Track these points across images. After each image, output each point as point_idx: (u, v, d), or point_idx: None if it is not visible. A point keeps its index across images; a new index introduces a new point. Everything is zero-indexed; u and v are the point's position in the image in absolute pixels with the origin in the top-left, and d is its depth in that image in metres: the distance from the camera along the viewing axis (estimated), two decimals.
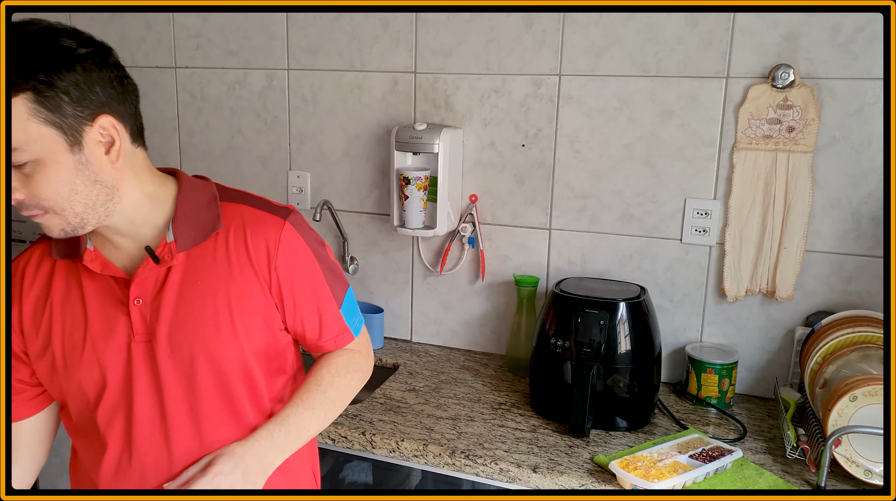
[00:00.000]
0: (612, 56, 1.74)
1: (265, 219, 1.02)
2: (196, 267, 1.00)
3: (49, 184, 0.88)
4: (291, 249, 1.02)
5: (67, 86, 0.87)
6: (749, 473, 1.39)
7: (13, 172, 0.88)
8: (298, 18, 2.00)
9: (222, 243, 1.01)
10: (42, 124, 0.86)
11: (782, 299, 1.69)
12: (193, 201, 1.02)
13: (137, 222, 1.00)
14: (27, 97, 0.85)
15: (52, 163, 0.88)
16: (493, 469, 1.41)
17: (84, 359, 1.01)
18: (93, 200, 0.93)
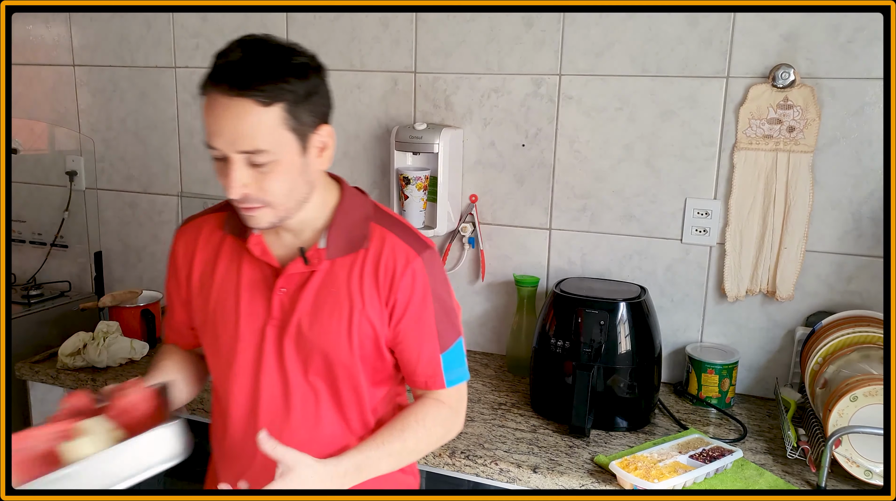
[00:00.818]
0: (612, 56, 1.74)
1: (402, 248, 1.10)
2: (335, 274, 1.10)
3: (278, 181, 1.00)
4: (414, 281, 1.09)
5: (307, 97, 0.99)
6: (749, 473, 1.39)
7: (247, 170, 0.98)
8: (298, 18, 2.00)
9: (361, 258, 1.10)
10: (287, 131, 0.98)
11: (783, 299, 1.68)
12: (349, 216, 1.11)
13: (306, 222, 1.10)
14: (281, 107, 0.96)
15: (286, 163, 0.99)
16: (493, 470, 1.41)
17: (227, 327, 1.13)
18: (302, 197, 1.05)
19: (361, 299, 1.09)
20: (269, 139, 0.96)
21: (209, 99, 0.97)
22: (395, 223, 1.13)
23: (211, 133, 0.98)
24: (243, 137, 0.96)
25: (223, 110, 0.95)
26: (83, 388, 1.75)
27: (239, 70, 0.95)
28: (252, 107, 0.95)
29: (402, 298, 1.09)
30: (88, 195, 2.35)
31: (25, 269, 2.44)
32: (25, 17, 2.30)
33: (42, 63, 2.32)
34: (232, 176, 0.98)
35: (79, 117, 2.32)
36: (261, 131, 0.96)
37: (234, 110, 0.95)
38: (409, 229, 1.14)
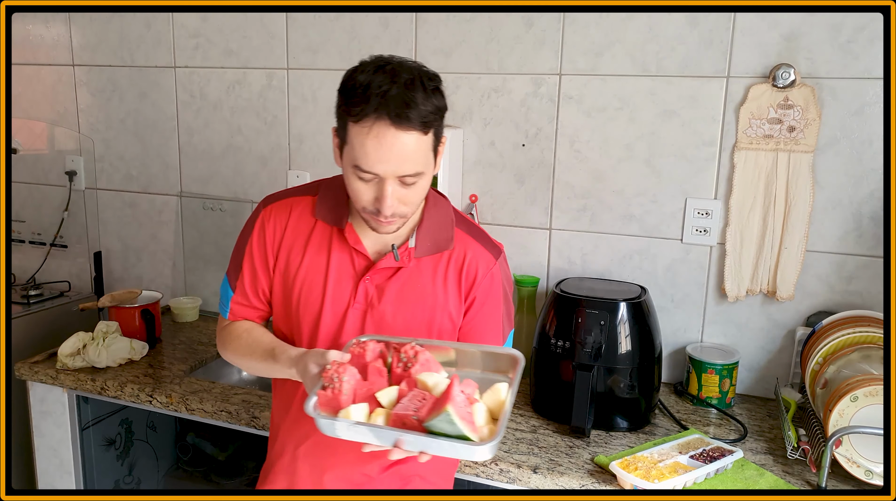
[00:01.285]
0: (612, 56, 1.73)
1: (483, 252, 1.21)
2: (420, 271, 1.19)
3: (419, 194, 1.11)
4: (491, 282, 1.21)
5: (442, 116, 1.10)
6: (750, 473, 1.38)
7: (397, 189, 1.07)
8: (298, 18, 1.99)
9: (446, 259, 1.20)
10: (431, 151, 1.09)
11: (783, 299, 1.68)
12: (436, 219, 1.21)
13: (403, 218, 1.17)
14: (433, 132, 1.08)
15: (426, 178, 1.10)
16: (493, 470, 1.41)
17: (310, 309, 1.20)
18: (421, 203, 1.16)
19: (445, 296, 1.19)
20: (423, 162, 1.07)
21: (371, 132, 1.02)
22: (473, 228, 1.25)
23: (373, 160, 1.04)
24: (407, 164, 1.05)
25: (392, 141, 1.03)
26: (83, 389, 1.75)
27: (402, 104, 1.02)
28: (416, 137, 1.04)
29: (480, 296, 1.21)
30: (88, 195, 2.35)
31: (25, 269, 2.44)
32: (25, 16, 2.30)
33: (42, 63, 2.32)
34: (388, 196, 1.07)
35: (78, 117, 2.31)
36: (420, 157, 1.06)
37: (402, 141, 1.03)
38: (484, 234, 1.25)
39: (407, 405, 0.98)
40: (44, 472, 1.90)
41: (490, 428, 0.98)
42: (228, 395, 1.66)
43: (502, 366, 1.10)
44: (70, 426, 1.83)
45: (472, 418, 0.96)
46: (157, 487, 2.11)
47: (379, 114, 1.01)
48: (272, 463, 1.30)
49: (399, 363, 1.04)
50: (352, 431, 0.96)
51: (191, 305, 2.19)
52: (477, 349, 1.14)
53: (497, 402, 1.01)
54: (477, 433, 0.95)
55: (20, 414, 1.97)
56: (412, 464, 1.24)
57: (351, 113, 1.03)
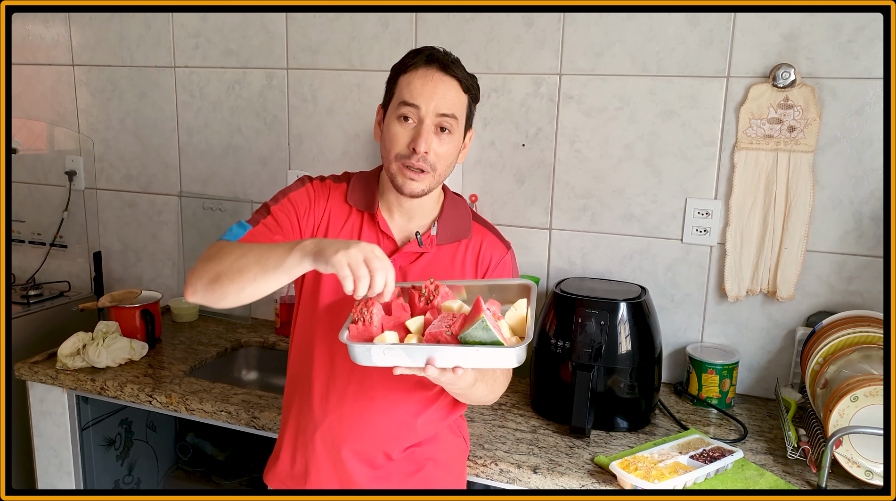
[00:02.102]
0: (612, 55, 1.73)
1: (497, 242, 1.32)
2: (440, 258, 1.28)
3: (449, 148, 1.21)
4: (503, 269, 1.31)
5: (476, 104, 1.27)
6: (750, 473, 1.38)
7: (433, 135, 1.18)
8: (298, 18, 1.99)
9: (464, 247, 1.29)
10: (464, 115, 1.22)
11: (783, 299, 1.68)
12: (455, 211, 1.32)
13: (418, 209, 1.28)
14: (469, 97, 1.23)
15: (457, 138, 1.23)
16: (494, 470, 1.41)
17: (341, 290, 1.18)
18: (446, 175, 1.25)
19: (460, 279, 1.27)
20: (459, 113, 1.21)
21: (419, 72, 1.18)
22: (485, 222, 1.36)
23: (417, 93, 1.17)
24: (447, 103, 1.18)
25: (437, 81, 1.18)
26: (83, 389, 1.75)
27: (448, 59, 1.20)
28: (457, 86, 1.20)
29: None
30: (88, 195, 2.35)
31: (25, 269, 2.43)
32: (25, 16, 2.30)
33: (41, 63, 2.32)
34: (424, 135, 1.18)
35: (78, 117, 2.31)
36: (457, 105, 1.20)
37: (445, 83, 1.18)
38: (494, 227, 1.36)
39: (438, 325, 1.03)
40: (44, 472, 1.90)
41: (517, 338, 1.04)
42: (228, 395, 1.66)
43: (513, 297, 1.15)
44: (70, 426, 1.83)
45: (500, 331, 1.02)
46: (156, 487, 2.11)
47: (429, 62, 1.19)
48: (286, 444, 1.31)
49: (420, 298, 1.11)
50: (388, 354, 1.00)
51: (191, 305, 2.19)
52: (486, 284, 1.21)
53: (519, 318, 1.08)
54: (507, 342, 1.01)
55: (20, 414, 1.97)
56: (427, 447, 1.28)
57: (404, 68, 1.20)
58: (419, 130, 1.18)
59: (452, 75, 1.20)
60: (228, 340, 2.04)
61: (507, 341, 1.02)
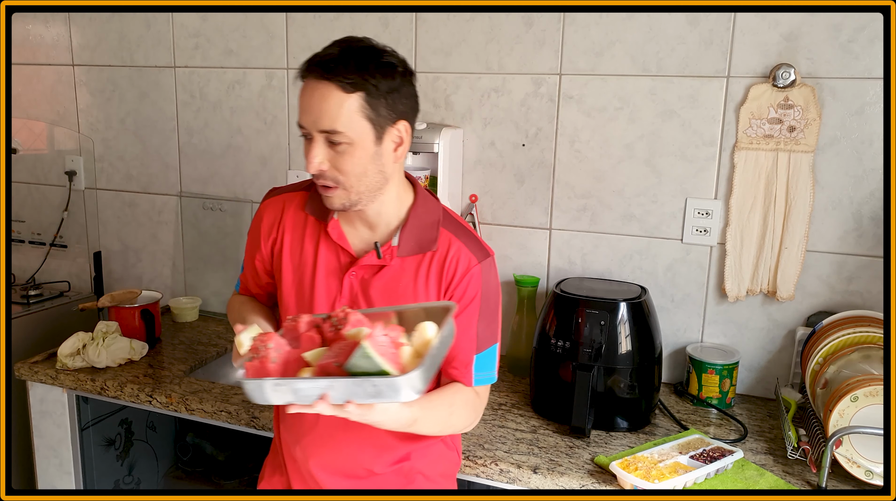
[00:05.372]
0: (612, 55, 1.73)
1: (465, 253, 1.18)
2: (403, 271, 1.18)
3: (351, 163, 1.09)
4: (469, 285, 1.18)
5: (387, 93, 1.08)
6: (750, 474, 1.38)
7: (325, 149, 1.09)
8: (298, 18, 1.99)
9: (429, 259, 1.18)
10: (363, 118, 1.08)
11: (783, 299, 1.68)
12: (422, 219, 1.20)
13: (380, 217, 1.19)
14: (361, 96, 1.06)
15: (359, 148, 1.09)
16: (494, 470, 1.41)
17: (303, 302, 1.22)
18: (372, 185, 1.13)
19: (425, 295, 1.18)
20: (346, 123, 1.07)
21: (305, 84, 1.09)
22: (461, 229, 1.22)
23: (300, 112, 1.09)
24: (324, 117, 1.06)
25: (312, 91, 1.07)
26: (83, 389, 1.75)
27: (330, 60, 1.07)
28: (335, 91, 1.06)
29: (456, 298, 1.18)
30: (88, 195, 2.35)
31: (25, 269, 2.43)
32: (25, 16, 2.30)
33: (41, 63, 2.32)
34: (311, 152, 1.09)
35: (78, 117, 2.31)
36: (340, 115, 1.06)
37: (320, 92, 1.06)
38: (473, 235, 1.22)
39: (329, 355, 0.95)
40: (43, 472, 1.90)
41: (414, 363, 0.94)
42: (228, 395, 1.66)
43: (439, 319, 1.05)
44: (70, 426, 1.83)
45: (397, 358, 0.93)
46: (156, 487, 2.11)
47: (309, 71, 1.08)
48: (273, 459, 1.31)
49: (330, 327, 1.02)
50: (277, 389, 0.93)
51: (190, 305, 2.19)
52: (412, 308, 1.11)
53: (423, 341, 0.98)
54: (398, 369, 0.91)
55: (20, 414, 1.97)
56: (417, 461, 1.25)
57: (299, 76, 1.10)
58: (309, 147, 1.10)
59: (329, 79, 1.06)
60: (228, 340, 2.04)
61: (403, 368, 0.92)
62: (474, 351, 1.20)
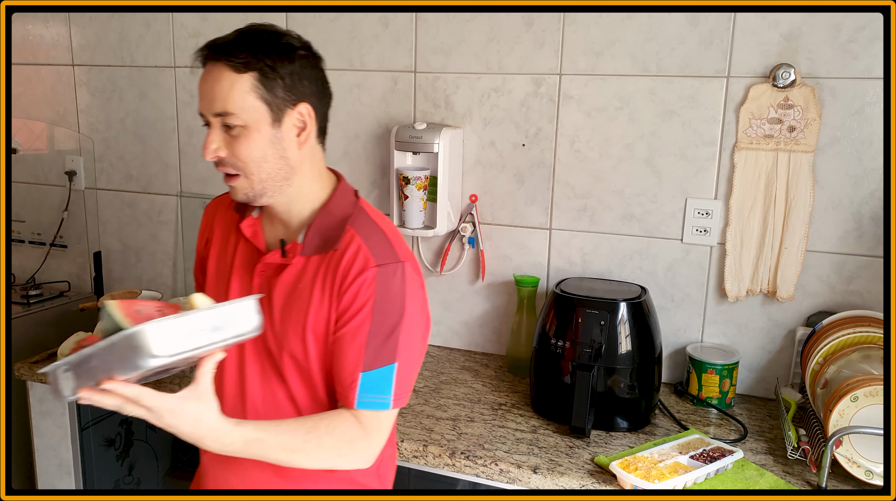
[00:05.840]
0: (612, 55, 1.73)
1: (365, 255, 1.08)
2: (306, 271, 1.11)
3: (248, 147, 1.05)
4: (359, 291, 1.07)
5: (284, 73, 1.04)
6: (750, 474, 1.38)
7: (221, 134, 1.05)
8: (298, 17, 1.99)
9: (329, 259, 1.10)
10: (257, 99, 1.03)
11: (783, 299, 1.68)
12: (331, 216, 1.13)
13: (293, 213, 1.14)
14: (253, 76, 1.03)
15: (255, 131, 1.04)
16: (494, 470, 1.41)
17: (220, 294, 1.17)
18: (275, 172, 1.08)
19: (320, 299, 1.09)
20: (238, 104, 1.03)
21: (203, 69, 1.07)
22: (373, 230, 1.12)
23: (199, 97, 1.07)
24: (216, 100, 1.03)
25: (205, 75, 1.05)
26: None
27: (223, 43, 1.05)
28: (225, 71, 1.03)
29: (345, 305, 1.07)
30: (88, 195, 2.35)
31: (25, 269, 2.43)
32: (25, 16, 2.30)
33: (41, 63, 2.32)
34: (207, 138, 1.05)
35: (78, 117, 2.31)
36: (232, 96, 1.03)
37: (213, 75, 1.04)
38: (385, 237, 1.11)
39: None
40: (43, 472, 1.90)
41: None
42: None
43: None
44: (70, 426, 1.83)
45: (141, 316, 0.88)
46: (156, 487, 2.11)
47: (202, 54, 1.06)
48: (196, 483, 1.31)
49: None
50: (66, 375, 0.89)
51: None
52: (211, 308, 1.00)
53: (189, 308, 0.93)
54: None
55: (20, 414, 1.97)
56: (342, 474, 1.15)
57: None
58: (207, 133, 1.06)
59: (220, 60, 1.03)
60: None
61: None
62: (360, 368, 1.07)
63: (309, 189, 1.13)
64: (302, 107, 1.07)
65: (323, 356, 1.12)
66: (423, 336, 1.13)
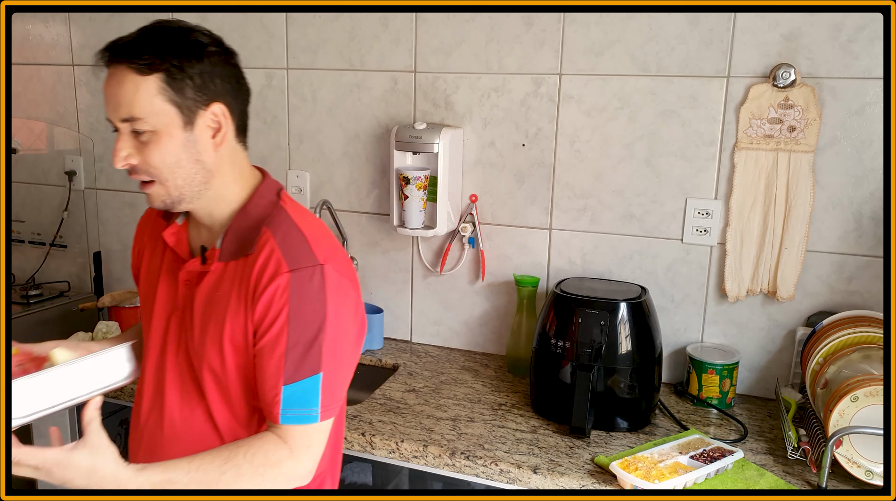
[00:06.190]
0: (612, 55, 1.73)
1: (276, 260, 1.01)
2: (223, 277, 1.06)
3: (159, 153, 0.99)
4: (273, 296, 1.00)
5: (193, 73, 0.99)
6: (750, 474, 1.38)
7: (131, 140, 1.00)
8: (298, 17, 1.99)
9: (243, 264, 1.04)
10: (165, 102, 0.98)
11: (783, 299, 1.68)
12: (248, 219, 1.07)
13: (214, 216, 1.09)
14: (159, 77, 0.97)
15: (165, 135, 0.99)
16: (494, 470, 1.41)
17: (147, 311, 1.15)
18: (191, 177, 1.03)
19: (237, 308, 1.03)
20: (145, 108, 0.98)
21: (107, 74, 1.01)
22: (289, 231, 1.04)
23: (105, 104, 1.01)
24: (122, 104, 0.98)
25: (109, 79, 0.99)
26: None
27: (125, 43, 0.99)
28: (129, 74, 0.97)
29: (259, 315, 1.01)
30: (87, 195, 2.35)
31: (24, 269, 2.43)
32: (25, 16, 2.30)
33: (41, 63, 2.32)
34: (116, 145, 1.01)
35: (78, 117, 2.31)
36: (137, 99, 0.97)
37: (116, 78, 0.98)
38: (302, 238, 1.04)
39: None
40: None
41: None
42: None
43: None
44: (70, 426, 1.83)
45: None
46: None
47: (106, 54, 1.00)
48: None
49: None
50: None
51: None
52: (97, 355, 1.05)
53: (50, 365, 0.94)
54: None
55: None
56: None
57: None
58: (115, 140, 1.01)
59: (123, 62, 0.97)
60: None
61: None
62: (281, 381, 1.00)
63: (229, 192, 1.08)
64: (215, 107, 1.02)
65: (244, 371, 1.05)
66: (353, 341, 1.07)
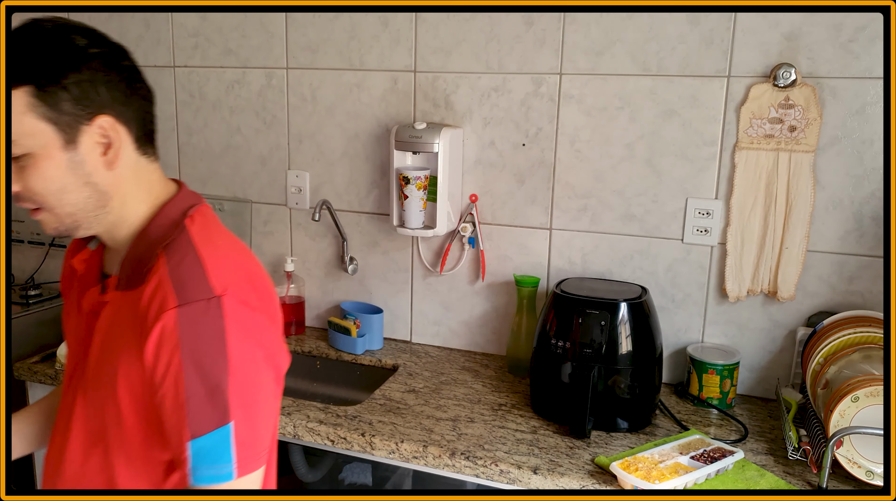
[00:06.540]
0: (612, 55, 1.73)
1: (162, 294, 0.85)
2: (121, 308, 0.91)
3: (40, 179, 0.86)
4: (160, 340, 0.83)
5: (70, 84, 0.85)
6: (750, 474, 1.38)
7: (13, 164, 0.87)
8: (297, 17, 1.99)
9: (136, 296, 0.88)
10: (38, 119, 0.84)
11: (784, 299, 1.68)
12: (146, 242, 0.92)
13: (118, 240, 0.95)
14: (27, 91, 0.84)
15: (44, 158, 0.85)
16: (494, 471, 1.41)
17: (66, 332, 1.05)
18: (83, 202, 0.89)
19: (129, 353, 0.87)
20: (14, 128, 0.83)
21: None
22: (185, 255, 0.88)
23: None
24: None
25: None
26: None
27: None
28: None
29: (149, 359, 0.84)
30: None
31: (24, 269, 2.43)
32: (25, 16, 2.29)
33: None
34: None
35: None
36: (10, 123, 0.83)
37: None
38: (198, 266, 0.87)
39: None
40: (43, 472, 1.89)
41: None
42: None
43: None
44: None
45: None
46: None
47: None
48: None
49: None
50: None
51: None
52: None
53: None
54: None
55: None
56: None
57: None
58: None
59: None
60: None
61: None
62: (186, 436, 0.83)
63: (133, 212, 0.93)
64: (101, 120, 0.87)
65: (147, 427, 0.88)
66: (271, 381, 0.90)
